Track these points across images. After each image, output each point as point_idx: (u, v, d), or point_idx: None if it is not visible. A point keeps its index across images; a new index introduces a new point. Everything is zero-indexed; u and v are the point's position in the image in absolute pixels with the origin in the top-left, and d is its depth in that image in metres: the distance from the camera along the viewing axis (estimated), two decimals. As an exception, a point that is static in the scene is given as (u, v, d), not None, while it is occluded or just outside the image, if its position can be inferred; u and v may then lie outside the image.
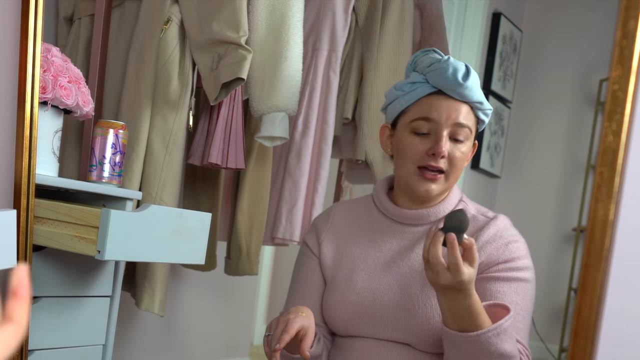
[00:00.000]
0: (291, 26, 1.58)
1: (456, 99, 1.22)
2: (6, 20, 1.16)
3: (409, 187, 1.26)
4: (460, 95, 1.22)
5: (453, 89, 1.21)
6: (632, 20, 1.04)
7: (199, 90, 1.63)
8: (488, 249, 1.23)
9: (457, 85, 1.21)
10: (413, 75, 1.27)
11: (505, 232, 1.26)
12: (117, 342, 1.50)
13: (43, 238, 1.22)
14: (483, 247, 1.23)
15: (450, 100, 1.22)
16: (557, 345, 3.32)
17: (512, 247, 1.24)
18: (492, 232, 1.25)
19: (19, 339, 0.49)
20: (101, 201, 1.37)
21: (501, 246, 1.23)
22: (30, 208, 1.18)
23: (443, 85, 1.22)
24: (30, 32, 1.15)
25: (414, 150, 1.23)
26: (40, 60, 1.18)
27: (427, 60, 1.25)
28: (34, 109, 1.17)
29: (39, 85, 1.19)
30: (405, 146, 1.25)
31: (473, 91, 1.22)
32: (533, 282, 1.24)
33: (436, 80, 1.22)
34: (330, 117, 1.81)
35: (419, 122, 1.23)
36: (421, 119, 1.23)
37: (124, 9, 1.63)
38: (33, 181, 1.18)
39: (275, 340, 1.12)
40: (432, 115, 1.22)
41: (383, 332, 1.25)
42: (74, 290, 1.34)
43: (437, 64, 1.22)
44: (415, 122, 1.24)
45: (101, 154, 1.36)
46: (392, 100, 1.28)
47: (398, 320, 1.23)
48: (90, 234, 1.16)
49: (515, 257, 1.23)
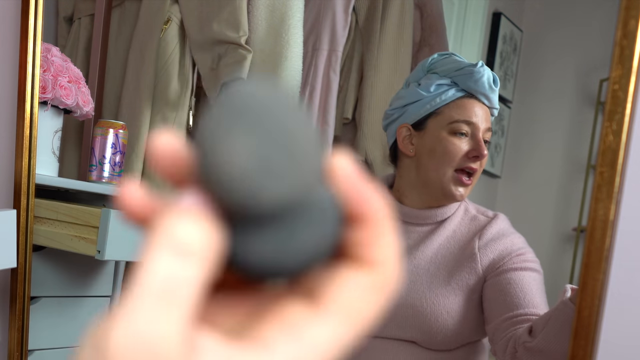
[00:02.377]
0: (291, 26, 1.58)
1: (484, 103, 1.26)
2: (6, 20, 1.16)
3: (442, 189, 1.27)
4: (489, 101, 1.27)
5: (486, 94, 1.25)
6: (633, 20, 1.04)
7: (199, 90, 1.63)
8: (495, 247, 1.25)
9: (490, 91, 1.25)
10: (431, 77, 1.27)
11: (508, 230, 1.28)
12: (117, 342, 1.49)
13: (43, 238, 1.22)
14: (488, 244, 1.25)
15: (481, 104, 1.27)
16: (557, 345, 3.32)
17: (519, 243, 1.27)
18: (494, 230, 1.26)
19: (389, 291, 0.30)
20: (101, 201, 1.37)
21: (508, 243, 1.26)
22: (30, 208, 1.18)
23: (476, 89, 1.25)
24: (30, 32, 1.15)
25: (456, 150, 1.26)
26: (40, 60, 1.18)
27: (454, 64, 1.26)
28: (34, 109, 1.17)
29: (39, 85, 1.19)
30: (445, 146, 1.26)
31: (496, 98, 1.28)
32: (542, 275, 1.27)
33: (469, 84, 1.24)
34: (330, 117, 1.80)
35: (460, 124, 1.25)
36: (462, 122, 1.26)
37: (124, 8, 1.63)
38: (33, 181, 1.18)
39: None
40: (473, 119, 1.26)
41: (389, 330, 1.25)
42: (74, 290, 1.34)
43: (470, 68, 1.25)
44: (455, 124, 1.26)
45: (101, 154, 1.36)
46: (415, 100, 1.28)
47: (404, 319, 1.24)
48: (90, 234, 1.16)
49: (525, 251, 1.26)
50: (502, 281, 1.21)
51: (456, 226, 1.29)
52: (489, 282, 1.23)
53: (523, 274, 1.22)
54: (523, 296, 1.18)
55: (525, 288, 1.20)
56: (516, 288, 1.20)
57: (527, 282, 1.21)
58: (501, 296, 1.19)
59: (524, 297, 1.18)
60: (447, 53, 1.30)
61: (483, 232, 1.26)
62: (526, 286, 1.20)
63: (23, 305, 1.20)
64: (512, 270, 1.23)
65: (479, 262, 1.23)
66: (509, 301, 1.18)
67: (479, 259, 1.24)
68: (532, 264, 1.24)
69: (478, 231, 1.27)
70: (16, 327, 1.20)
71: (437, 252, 1.27)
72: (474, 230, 1.27)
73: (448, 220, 1.29)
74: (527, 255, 1.25)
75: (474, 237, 1.26)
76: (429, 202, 1.30)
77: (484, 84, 1.23)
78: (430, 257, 1.26)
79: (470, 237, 1.27)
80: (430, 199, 1.29)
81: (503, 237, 1.26)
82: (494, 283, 1.22)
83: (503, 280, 1.21)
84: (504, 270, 1.23)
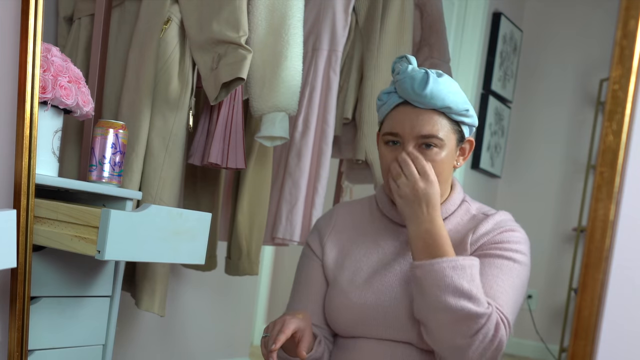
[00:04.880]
0: (291, 26, 1.58)
1: (419, 107, 1.23)
2: (6, 20, 1.16)
3: (390, 195, 1.28)
4: (424, 105, 1.23)
5: (416, 100, 1.23)
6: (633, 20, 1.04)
7: (199, 90, 1.63)
8: (484, 238, 1.25)
9: (417, 96, 1.22)
10: (391, 82, 1.28)
11: (504, 224, 1.27)
12: (117, 342, 1.50)
13: (43, 238, 1.22)
14: (480, 238, 1.24)
15: (417, 110, 1.23)
16: (557, 345, 3.33)
17: (508, 235, 1.25)
18: (490, 225, 1.26)
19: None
20: (101, 201, 1.37)
21: (497, 234, 1.25)
22: (30, 208, 1.18)
23: (406, 96, 1.24)
24: (30, 32, 1.15)
25: (385, 161, 1.27)
26: (40, 60, 1.18)
27: (396, 69, 1.26)
28: (34, 109, 1.17)
29: (39, 85, 1.19)
30: (380, 156, 1.29)
31: (437, 98, 1.22)
32: (525, 267, 1.25)
33: (400, 91, 1.24)
34: (330, 117, 1.81)
35: (388, 136, 1.26)
36: (389, 134, 1.26)
37: (124, 8, 1.63)
38: (33, 181, 1.18)
39: (272, 340, 1.12)
40: (397, 130, 1.24)
41: (386, 332, 1.25)
42: (74, 290, 1.34)
43: (398, 76, 1.25)
44: (385, 136, 1.27)
45: (101, 154, 1.36)
46: (377, 109, 1.31)
47: (401, 320, 1.24)
48: (90, 234, 1.16)
49: (508, 241, 1.24)
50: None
51: (454, 226, 1.29)
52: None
53: (490, 261, 1.22)
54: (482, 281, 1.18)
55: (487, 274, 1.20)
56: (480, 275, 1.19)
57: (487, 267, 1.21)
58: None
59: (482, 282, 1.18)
60: (402, 56, 1.28)
61: (478, 227, 1.26)
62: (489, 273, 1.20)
63: (23, 305, 1.20)
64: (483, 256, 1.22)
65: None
66: None
67: (469, 253, 1.24)
68: (511, 253, 1.23)
69: (472, 228, 1.27)
70: (16, 327, 1.20)
71: None
72: (469, 228, 1.27)
73: (446, 221, 1.29)
74: (509, 245, 1.24)
75: (469, 233, 1.26)
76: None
77: (406, 90, 1.22)
78: None
79: (465, 234, 1.27)
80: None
81: (495, 230, 1.25)
82: None
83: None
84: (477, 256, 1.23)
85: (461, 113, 1.24)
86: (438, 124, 1.23)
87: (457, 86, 1.25)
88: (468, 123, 1.26)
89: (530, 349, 3.45)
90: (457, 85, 1.25)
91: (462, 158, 1.30)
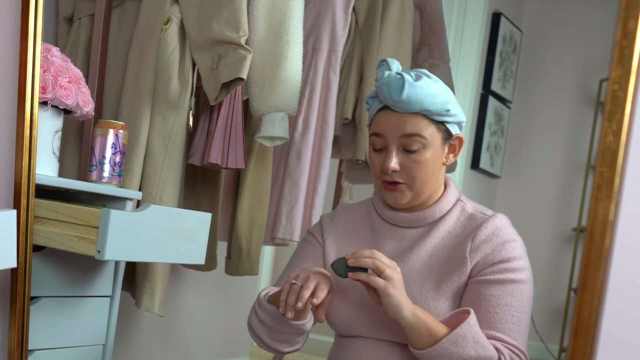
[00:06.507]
0: (291, 26, 1.58)
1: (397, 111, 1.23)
2: (6, 20, 1.16)
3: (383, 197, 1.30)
4: (403, 109, 1.23)
5: (394, 105, 1.23)
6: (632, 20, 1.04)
7: (199, 90, 1.63)
8: (484, 248, 1.23)
9: (394, 102, 1.22)
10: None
11: (503, 232, 1.25)
12: (117, 342, 1.50)
13: (43, 238, 1.22)
14: (479, 246, 1.23)
15: (398, 114, 1.24)
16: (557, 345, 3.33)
17: (509, 247, 1.24)
18: (489, 230, 1.25)
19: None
20: (101, 201, 1.37)
21: (497, 245, 1.23)
22: (30, 208, 1.18)
23: (385, 102, 1.25)
24: (30, 32, 1.16)
25: (374, 165, 1.28)
26: (40, 60, 1.18)
27: (377, 74, 1.28)
28: (34, 109, 1.17)
29: (39, 85, 1.19)
30: (370, 161, 1.30)
31: (415, 102, 1.22)
32: (529, 283, 1.24)
33: (380, 97, 1.25)
34: (330, 117, 1.81)
35: (373, 138, 1.27)
36: (373, 136, 1.27)
37: (124, 9, 1.63)
38: (33, 181, 1.18)
39: (309, 291, 1.13)
40: (380, 131, 1.25)
41: (384, 332, 1.25)
42: (74, 290, 1.34)
43: (376, 82, 1.26)
44: (370, 139, 1.28)
45: (101, 154, 1.36)
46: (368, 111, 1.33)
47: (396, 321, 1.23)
48: (90, 234, 1.16)
49: (511, 258, 1.23)
50: (475, 293, 1.21)
51: (451, 226, 1.29)
52: (468, 287, 1.22)
53: (498, 290, 1.21)
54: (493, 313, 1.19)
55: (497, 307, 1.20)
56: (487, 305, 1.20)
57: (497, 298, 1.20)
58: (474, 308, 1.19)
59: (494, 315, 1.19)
60: (383, 60, 1.28)
61: (477, 232, 1.25)
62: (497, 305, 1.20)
63: (23, 305, 1.20)
64: (489, 283, 1.21)
65: (468, 266, 1.23)
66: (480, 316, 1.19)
67: (468, 262, 1.23)
68: (516, 274, 1.22)
69: (472, 231, 1.26)
70: (16, 327, 1.20)
71: (431, 254, 1.26)
72: (469, 230, 1.26)
73: (442, 220, 1.29)
74: (512, 263, 1.22)
75: (467, 238, 1.25)
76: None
77: (384, 96, 1.23)
78: (424, 259, 1.26)
79: (464, 237, 1.26)
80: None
81: (494, 238, 1.24)
82: (471, 290, 1.21)
83: (477, 293, 1.21)
84: (482, 282, 1.22)
85: (442, 113, 1.24)
86: (420, 123, 1.23)
87: (438, 86, 1.24)
88: (451, 122, 1.26)
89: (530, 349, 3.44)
90: (438, 85, 1.24)
91: (453, 155, 1.30)
